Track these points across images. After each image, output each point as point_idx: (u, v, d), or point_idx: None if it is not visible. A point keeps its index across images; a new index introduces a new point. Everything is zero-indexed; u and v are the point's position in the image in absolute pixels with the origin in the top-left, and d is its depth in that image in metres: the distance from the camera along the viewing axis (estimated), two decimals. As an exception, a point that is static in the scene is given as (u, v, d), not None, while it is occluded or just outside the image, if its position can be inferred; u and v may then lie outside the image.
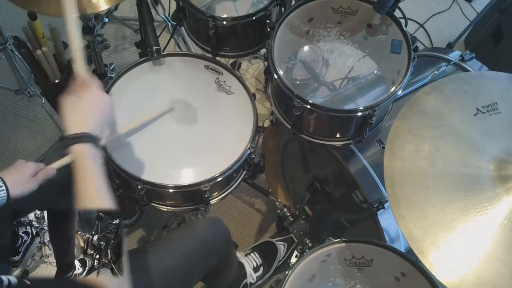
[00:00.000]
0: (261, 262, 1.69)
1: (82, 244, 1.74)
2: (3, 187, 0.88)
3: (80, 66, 0.97)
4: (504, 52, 2.15)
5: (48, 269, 1.73)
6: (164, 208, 1.31)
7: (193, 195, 1.25)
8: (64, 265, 1.65)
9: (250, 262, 1.67)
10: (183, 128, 1.29)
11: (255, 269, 1.67)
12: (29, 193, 0.96)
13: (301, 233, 1.66)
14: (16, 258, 1.69)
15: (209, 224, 1.30)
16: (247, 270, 1.64)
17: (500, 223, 0.87)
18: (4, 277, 0.77)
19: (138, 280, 1.09)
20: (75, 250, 1.67)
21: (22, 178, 0.95)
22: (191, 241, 1.22)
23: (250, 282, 1.65)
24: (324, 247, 1.12)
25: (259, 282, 1.68)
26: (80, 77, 0.96)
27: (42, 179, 0.99)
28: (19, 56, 1.75)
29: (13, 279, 0.77)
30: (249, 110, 1.32)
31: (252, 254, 1.70)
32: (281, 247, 1.77)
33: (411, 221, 0.91)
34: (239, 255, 1.68)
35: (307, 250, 1.16)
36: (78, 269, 1.69)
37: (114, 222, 1.69)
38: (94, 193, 0.89)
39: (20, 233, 1.71)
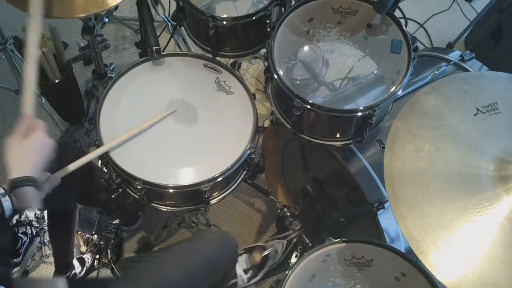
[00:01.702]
0: (250, 265, 1.68)
1: (82, 244, 1.74)
2: (7, 198, 0.88)
3: (29, 104, 1.01)
4: (504, 52, 2.15)
5: (48, 269, 1.73)
6: (164, 208, 1.31)
7: (193, 195, 1.25)
8: (63, 264, 1.65)
9: (241, 263, 1.66)
10: (183, 128, 1.29)
11: (245, 271, 1.66)
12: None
13: (301, 233, 1.66)
14: (17, 260, 1.69)
15: (218, 239, 1.26)
16: (238, 272, 1.63)
17: (500, 223, 0.87)
18: None
19: None
20: (74, 250, 1.67)
21: None
22: (197, 258, 1.16)
23: (239, 284, 1.64)
24: (324, 247, 1.13)
25: (246, 285, 1.67)
26: (27, 118, 0.99)
27: (49, 188, 1.00)
28: (19, 56, 1.75)
29: None
30: (249, 110, 1.32)
31: (244, 255, 1.69)
32: (280, 245, 1.76)
33: (411, 221, 0.91)
34: None
35: (307, 250, 1.16)
36: (77, 267, 1.69)
37: (114, 222, 1.69)
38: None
39: (20, 234, 1.71)
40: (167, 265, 1.15)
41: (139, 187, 1.19)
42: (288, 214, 1.69)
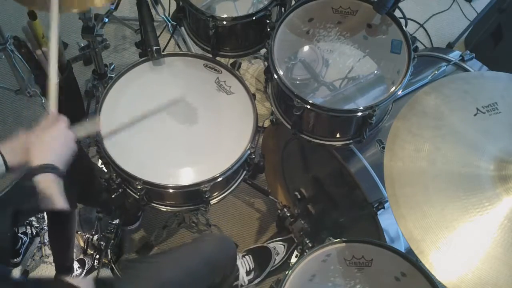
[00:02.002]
0: (253, 266, 1.68)
1: (82, 244, 1.74)
2: None
3: (53, 105, 1.06)
4: (504, 52, 2.15)
5: (48, 269, 1.73)
6: (164, 208, 1.31)
7: (193, 195, 1.26)
8: (63, 267, 1.64)
9: (244, 265, 1.67)
10: (183, 128, 1.30)
11: (247, 273, 1.67)
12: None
13: (301, 233, 1.66)
14: (17, 260, 1.69)
15: (218, 242, 1.29)
16: (240, 273, 1.64)
17: (500, 223, 0.87)
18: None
19: None
20: (75, 251, 1.67)
21: (21, 147, 0.97)
22: (196, 257, 1.19)
23: (241, 285, 1.65)
24: (324, 247, 1.13)
25: (249, 285, 1.68)
26: (52, 115, 1.03)
27: None
28: (19, 56, 1.75)
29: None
30: (249, 110, 1.32)
31: (246, 257, 1.70)
32: (281, 247, 1.76)
33: (411, 221, 0.91)
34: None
35: (307, 250, 1.16)
36: (77, 270, 1.68)
37: (114, 222, 1.69)
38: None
39: (20, 234, 1.71)
40: (167, 265, 1.16)
41: (139, 187, 1.19)
42: (288, 214, 1.69)
